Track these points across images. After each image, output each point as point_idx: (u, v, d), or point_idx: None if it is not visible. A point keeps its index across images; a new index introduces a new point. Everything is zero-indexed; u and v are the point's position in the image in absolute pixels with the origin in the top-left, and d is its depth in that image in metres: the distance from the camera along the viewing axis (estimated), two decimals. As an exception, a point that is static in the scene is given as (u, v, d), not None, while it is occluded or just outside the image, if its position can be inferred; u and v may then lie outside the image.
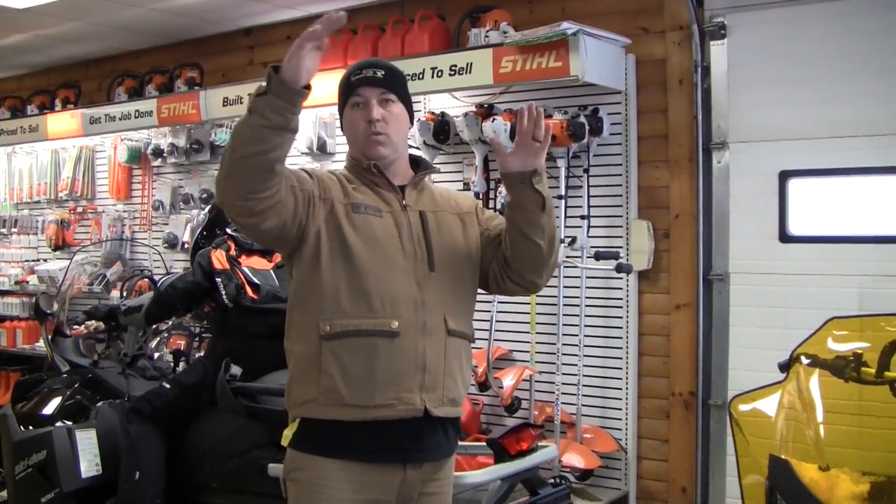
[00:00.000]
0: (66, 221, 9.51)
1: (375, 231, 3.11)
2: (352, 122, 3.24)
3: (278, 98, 2.85)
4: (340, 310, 3.05)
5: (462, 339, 3.24)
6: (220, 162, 2.97)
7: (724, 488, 5.82)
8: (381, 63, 3.29)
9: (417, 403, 3.07)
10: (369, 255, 3.08)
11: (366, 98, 3.19)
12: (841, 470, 3.33)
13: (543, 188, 3.10)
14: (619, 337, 6.14)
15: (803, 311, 5.19)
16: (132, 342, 6.05)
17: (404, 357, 3.05)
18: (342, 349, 3.03)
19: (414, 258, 3.14)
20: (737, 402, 3.95)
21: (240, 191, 2.93)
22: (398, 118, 3.25)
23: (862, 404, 3.55)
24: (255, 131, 2.86)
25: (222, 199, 3.01)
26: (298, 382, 3.13)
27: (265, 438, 4.78)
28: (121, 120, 8.29)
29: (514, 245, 3.19)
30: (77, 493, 5.30)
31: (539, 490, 4.64)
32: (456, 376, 3.19)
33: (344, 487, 3.05)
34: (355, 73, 3.23)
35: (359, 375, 3.02)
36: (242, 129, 2.89)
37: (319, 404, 3.06)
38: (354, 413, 3.03)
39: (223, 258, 5.27)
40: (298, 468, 3.13)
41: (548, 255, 3.21)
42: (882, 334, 3.53)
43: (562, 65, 5.58)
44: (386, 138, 3.19)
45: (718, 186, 5.89)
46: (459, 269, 3.26)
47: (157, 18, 7.97)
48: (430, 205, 3.28)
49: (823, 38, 5.53)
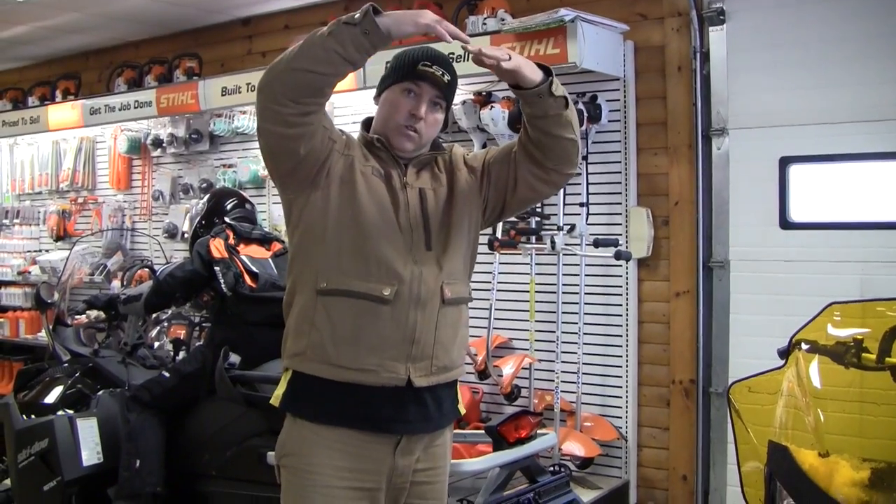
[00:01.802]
0: (68, 212, 9.54)
1: (382, 199, 3.10)
2: (395, 103, 3.16)
3: (365, 36, 2.84)
4: (339, 267, 3.04)
5: (458, 306, 3.22)
6: (274, 64, 2.96)
7: (724, 476, 5.83)
8: (449, 64, 3.21)
9: (401, 373, 3.05)
10: (376, 219, 3.06)
11: (422, 91, 3.14)
12: (841, 456, 3.30)
13: (560, 89, 3.07)
14: (619, 325, 6.14)
15: (804, 297, 5.15)
16: (132, 331, 6.05)
17: (392, 326, 3.03)
18: (334, 307, 3.03)
19: (411, 236, 3.11)
20: (736, 389, 3.93)
21: (287, 94, 2.92)
22: (436, 125, 3.22)
23: (862, 391, 3.53)
24: (327, 54, 2.85)
25: (265, 100, 2.99)
26: (292, 334, 3.13)
27: (264, 426, 4.77)
28: (120, 110, 8.31)
29: (547, 149, 3.15)
30: (78, 481, 5.30)
31: (538, 478, 4.63)
32: (448, 345, 3.16)
33: (332, 474, 3.04)
34: (423, 63, 3.15)
35: (345, 336, 3.02)
36: (315, 47, 2.87)
37: (307, 358, 3.06)
38: (338, 373, 3.02)
39: (222, 247, 5.26)
40: (289, 453, 3.13)
41: (575, 143, 3.19)
42: (883, 320, 3.50)
43: (560, 52, 5.58)
44: (417, 137, 3.16)
45: (718, 173, 5.88)
46: (457, 242, 3.22)
47: (156, 9, 7.97)
48: (429, 182, 3.23)
49: (823, 23, 5.52)
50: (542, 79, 3.04)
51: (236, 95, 7.40)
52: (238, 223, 5.48)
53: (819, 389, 3.51)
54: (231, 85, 7.44)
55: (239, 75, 7.47)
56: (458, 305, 3.22)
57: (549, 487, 4.66)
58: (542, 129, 3.12)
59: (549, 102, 3.05)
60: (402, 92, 3.16)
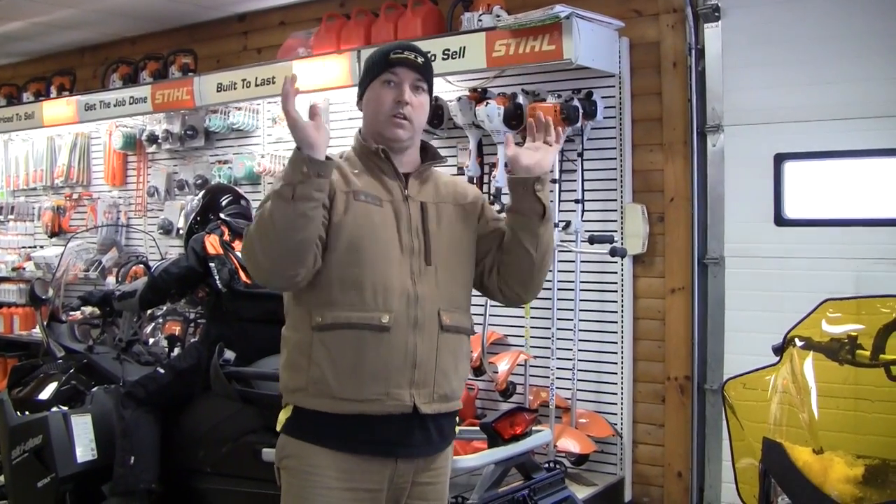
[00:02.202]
0: (62, 208, 9.54)
1: (373, 221, 3.04)
2: (379, 97, 3.15)
3: (319, 177, 2.82)
4: (332, 301, 3.01)
5: (458, 334, 3.19)
6: (254, 251, 2.92)
7: (720, 472, 5.83)
8: (420, 49, 3.22)
9: (406, 400, 3.03)
10: (365, 246, 3.02)
11: (401, 78, 3.13)
12: (835, 453, 3.31)
13: (545, 197, 3.09)
14: (614, 321, 6.15)
15: (799, 294, 5.17)
16: (127, 328, 6.04)
17: (393, 352, 3.00)
18: (332, 341, 3.00)
19: (411, 251, 3.08)
20: (730, 385, 3.94)
21: (293, 271, 2.92)
22: (423, 107, 3.20)
23: (857, 387, 3.53)
24: (304, 216, 2.83)
25: (270, 283, 2.99)
26: (290, 370, 3.09)
27: (259, 423, 4.77)
28: (115, 106, 8.30)
29: (508, 251, 3.18)
30: (73, 478, 5.29)
31: (533, 475, 4.63)
32: (449, 373, 3.14)
33: (333, 476, 3.03)
34: (395, 52, 3.15)
35: (347, 368, 2.99)
36: (288, 219, 2.83)
37: (309, 394, 3.03)
38: (343, 406, 3.00)
39: (217, 243, 5.26)
40: (289, 455, 3.11)
41: (538, 270, 3.20)
42: (877, 316, 3.51)
43: (555, 48, 5.57)
44: (408, 124, 3.13)
45: (713, 169, 5.89)
46: (457, 262, 3.21)
47: (152, 4, 7.98)
48: (432, 195, 3.21)
49: (818, 19, 5.52)
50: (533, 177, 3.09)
51: (232, 91, 7.39)
52: (233, 219, 5.49)
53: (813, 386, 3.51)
54: (226, 81, 7.43)
55: (234, 71, 7.46)
56: (459, 335, 3.19)
57: (545, 484, 4.67)
58: (512, 226, 3.18)
59: (528, 199, 3.10)
60: (382, 84, 3.15)
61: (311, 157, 2.81)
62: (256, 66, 7.34)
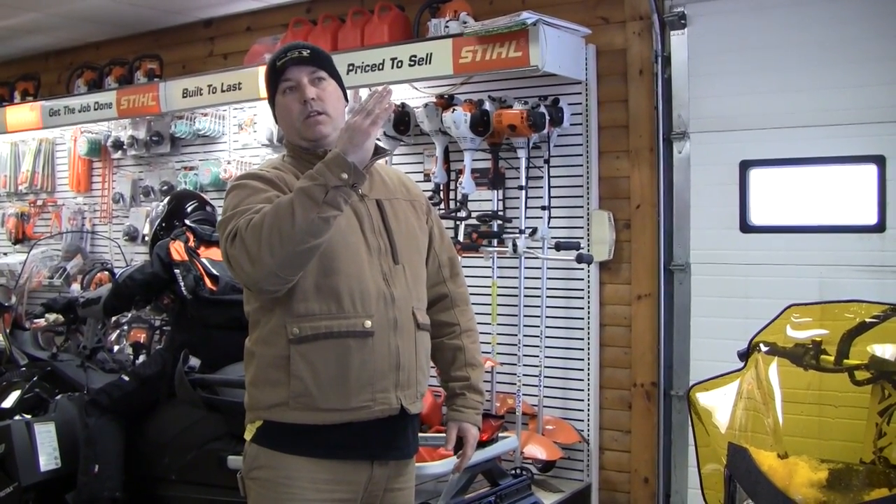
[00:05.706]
0: (27, 214, 9.43)
1: (340, 226, 2.90)
2: (286, 107, 3.12)
3: (352, 187, 2.81)
4: (310, 311, 2.94)
5: (427, 332, 3.21)
6: (256, 247, 2.79)
7: (686, 478, 5.85)
8: (305, 43, 3.19)
9: (394, 402, 3.02)
10: (338, 252, 2.96)
11: (296, 79, 3.09)
12: (799, 457, 3.32)
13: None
14: (581, 328, 6.15)
15: (764, 300, 5.22)
16: (91, 335, 6.01)
17: (378, 357, 2.97)
18: (313, 352, 2.93)
19: (378, 252, 3.06)
20: (696, 391, 3.94)
21: (293, 275, 2.87)
22: (333, 95, 3.15)
23: (821, 392, 3.56)
24: (327, 222, 2.78)
25: (262, 283, 2.87)
26: (264, 386, 3.01)
27: (224, 430, 4.76)
28: (80, 112, 8.23)
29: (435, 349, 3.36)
30: (36, 487, 5.26)
31: (500, 481, 4.65)
32: (425, 370, 3.17)
33: (309, 486, 2.98)
34: (280, 57, 3.13)
35: (332, 378, 2.93)
36: (312, 221, 2.76)
37: (290, 408, 2.95)
38: (328, 416, 2.95)
39: (182, 249, 5.23)
40: (261, 466, 3.03)
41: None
42: (841, 322, 3.53)
43: (522, 55, 5.58)
44: (325, 117, 3.09)
45: (679, 176, 5.91)
46: (418, 258, 3.22)
47: (117, 9, 7.91)
48: (383, 191, 3.19)
49: (783, 27, 5.56)
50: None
51: (197, 97, 7.35)
52: (198, 225, 5.47)
53: (778, 391, 3.53)
54: (192, 87, 7.39)
55: (200, 77, 7.42)
56: (426, 332, 3.21)
57: (511, 490, 4.68)
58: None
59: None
60: (283, 93, 3.12)
61: (356, 165, 2.78)
62: (223, 72, 7.31)
